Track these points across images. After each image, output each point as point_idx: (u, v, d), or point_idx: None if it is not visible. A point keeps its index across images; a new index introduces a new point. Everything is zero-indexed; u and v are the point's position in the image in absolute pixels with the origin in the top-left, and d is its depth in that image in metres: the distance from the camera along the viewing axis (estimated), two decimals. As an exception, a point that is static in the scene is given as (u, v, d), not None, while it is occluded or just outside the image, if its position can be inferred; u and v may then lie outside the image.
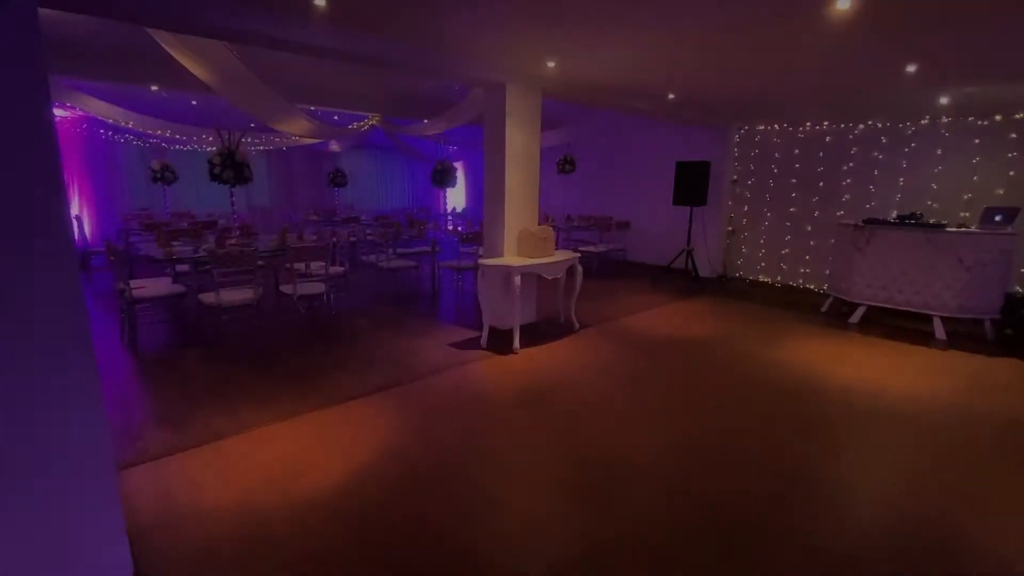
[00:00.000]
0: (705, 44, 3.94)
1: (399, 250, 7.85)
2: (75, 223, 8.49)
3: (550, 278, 5.03)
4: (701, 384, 4.19)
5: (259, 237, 6.26)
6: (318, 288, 5.14)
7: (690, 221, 8.10)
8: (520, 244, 5.11)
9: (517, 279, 4.67)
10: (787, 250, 8.13)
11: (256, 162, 11.21)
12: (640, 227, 9.70)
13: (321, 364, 4.40)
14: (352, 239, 7.71)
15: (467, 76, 4.59)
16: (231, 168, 5.30)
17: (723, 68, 4.63)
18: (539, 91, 5.12)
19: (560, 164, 9.43)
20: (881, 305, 5.88)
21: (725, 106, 6.54)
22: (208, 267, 4.48)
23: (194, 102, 8.41)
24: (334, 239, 6.35)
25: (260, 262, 4.74)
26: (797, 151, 7.85)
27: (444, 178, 7.34)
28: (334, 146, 10.97)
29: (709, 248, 8.57)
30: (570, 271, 5.33)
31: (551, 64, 4.53)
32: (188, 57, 4.63)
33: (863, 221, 6.03)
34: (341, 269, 6.04)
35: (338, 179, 10.76)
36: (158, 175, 8.20)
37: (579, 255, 5.34)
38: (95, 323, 5.53)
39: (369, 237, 7.04)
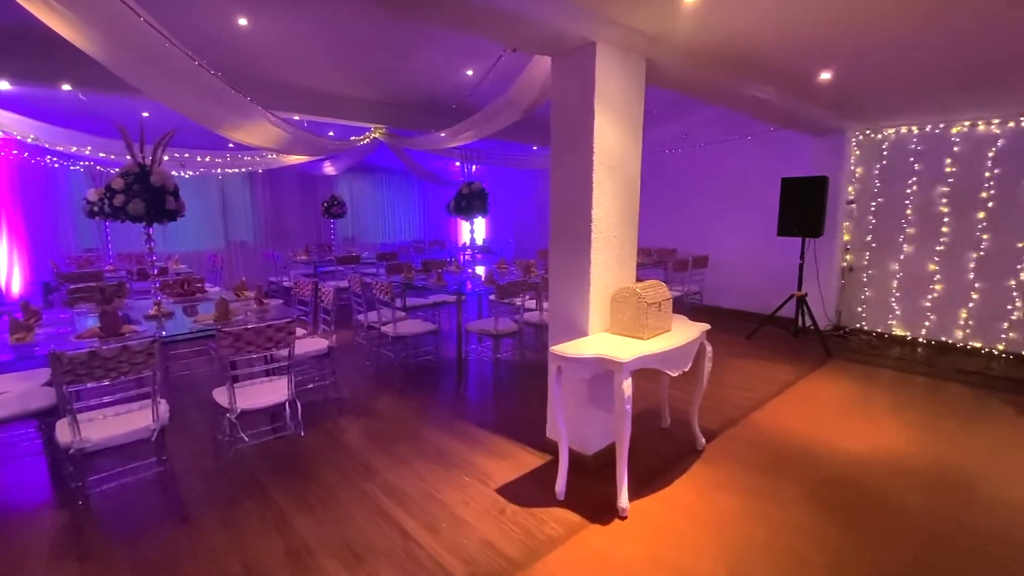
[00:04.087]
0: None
1: (409, 302, 5.80)
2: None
3: (675, 374, 2.91)
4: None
5: (201, 300, 4.22)
6: (277, 395, 3.05)
7: (801, 256, 5.99)
8: (616, 313, 3.02)
9: (627, 384, 2.56)
10: (935, 293, 5.97)
11: (237, 188, 9.34)
12: (719, 263, 7.58)
13: (257, 567, 2.28)
14: (343, 285, 5.65)
15: (531, 29, 2.58)
16: (143, 196, 3.30)
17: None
18: (643, 60, 3.10)
19: (612, 185, 7.40)
20: None
21: (889, 88, 4.48)
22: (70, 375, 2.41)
23: (146, 113, 6.53)
24: (319, 297, 4.30)
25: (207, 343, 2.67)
26: (949, 160, 5.77)
27: (472, 205, 5.32)
28: (328, 168, 9.06)
29: (823, 291, 6.43)
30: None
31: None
32: (53, 13, 2.69)
33: None
34: (324, 345, 3.97)
35: (334, 208, 8.80)
36: (95, 208, 6.24)
37: (707, 327, 3.23)
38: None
39: (366, 281, 4.96)
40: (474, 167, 10.23)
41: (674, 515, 2.68)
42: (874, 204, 6.35)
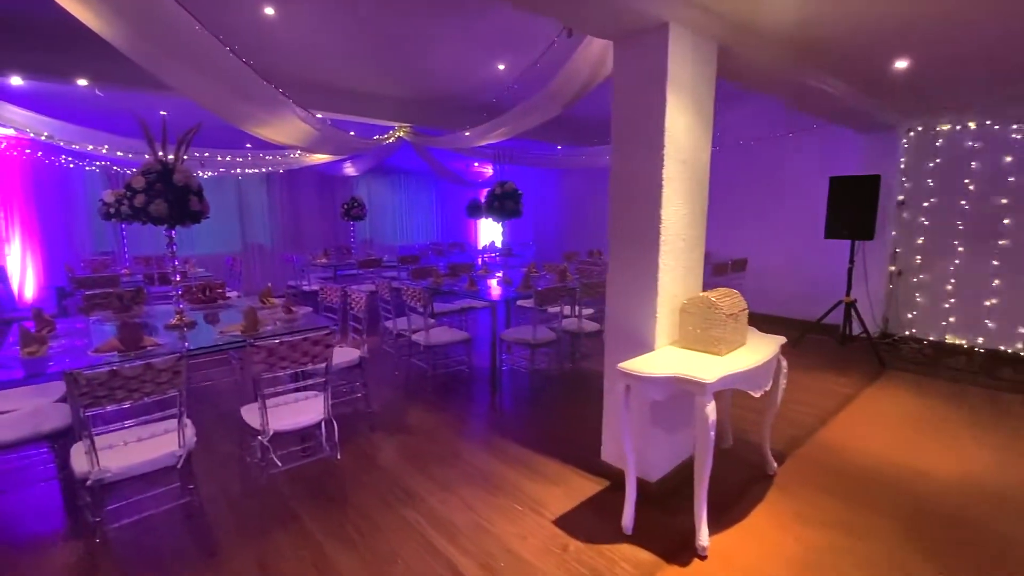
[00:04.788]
0: None
1: (435, 307, 5.52)
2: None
3: (758, 394, 2.61)
4: None
5: (223, 308, 3.97)
6: (313, 414, 2.78)
7: (851, 260, 5.66)
8: (685, 325, 2.73)
9: (711, 408, 2.26)
10: (995, 300, 5.61)
11: (254, 189, 9.13)
12: (756, 266, 7.24)
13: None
14: (371, 289, 5.39)
15: (604, 5, 2.30)
16: (166, 196, 3.05)
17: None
18: (715, 46, 2.80)
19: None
20: None
21: (969, 76, 4.17)
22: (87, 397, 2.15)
23: (164, 112, 6.32)
24: (349, 304, 4.04)
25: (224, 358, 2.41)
26: (1010, 159, 5.41)
27: (504, 206, 5.04)
28: (348, 169, 8.82)
29: (871, 295, 6.09)
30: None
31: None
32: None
33: None
34: (355, 355, 3.70)
35: (354, 210, 8.55)
36: (112, 210, 6.05)
37: (782, 340, 2.93)
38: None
39: (395, 286, 4.69)
40: (490, 169, 9.97)
41: (760, 554, 2.37)
42: (927, 204, 6.00)
